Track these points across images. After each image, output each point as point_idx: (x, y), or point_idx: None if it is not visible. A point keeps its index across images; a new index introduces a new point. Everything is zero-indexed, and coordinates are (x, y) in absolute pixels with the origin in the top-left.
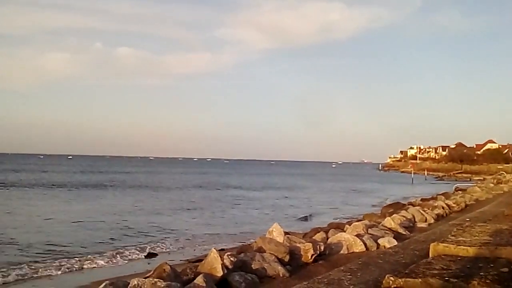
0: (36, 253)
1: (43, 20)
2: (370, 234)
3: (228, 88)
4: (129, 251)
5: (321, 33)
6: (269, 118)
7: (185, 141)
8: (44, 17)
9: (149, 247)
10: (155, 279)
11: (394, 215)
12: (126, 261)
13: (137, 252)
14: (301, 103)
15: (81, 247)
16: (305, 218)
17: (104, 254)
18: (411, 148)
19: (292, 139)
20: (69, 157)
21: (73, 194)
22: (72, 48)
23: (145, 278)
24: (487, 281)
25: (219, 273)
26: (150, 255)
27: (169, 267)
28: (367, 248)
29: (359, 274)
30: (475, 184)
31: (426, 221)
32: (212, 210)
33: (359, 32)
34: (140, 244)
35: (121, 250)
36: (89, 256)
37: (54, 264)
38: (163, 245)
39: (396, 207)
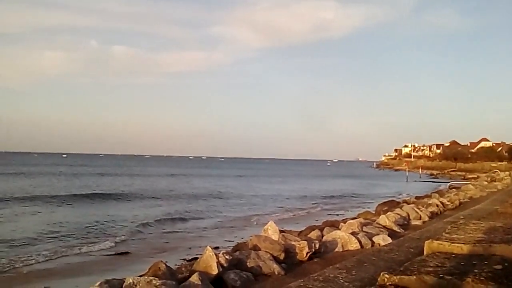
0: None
1: (37, 18)
2: (365, 232)
3: (223, 86)
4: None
5: (315, 31)
6: (264, 116)
7: (181, 139)
8: (38, 15)
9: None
10: (150, 277)
11: (388, 213)
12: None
13: None
14: (297, 101)
15: None
16: None
17: None
18: (406, 146)
19: (287, 137)
20: (63, 155)
21: None
22: (67, 46)
23: (140, 276)
24: (481, 278)
25: (215, 271)
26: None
27: (164, 265)
28: (361, 246)
29: (354, 271)
30: (469, 182)
31: (420, 218)
32: (204, 208)
33: (353, 31)
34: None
35: None
36: None
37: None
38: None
39: (391, 205)
